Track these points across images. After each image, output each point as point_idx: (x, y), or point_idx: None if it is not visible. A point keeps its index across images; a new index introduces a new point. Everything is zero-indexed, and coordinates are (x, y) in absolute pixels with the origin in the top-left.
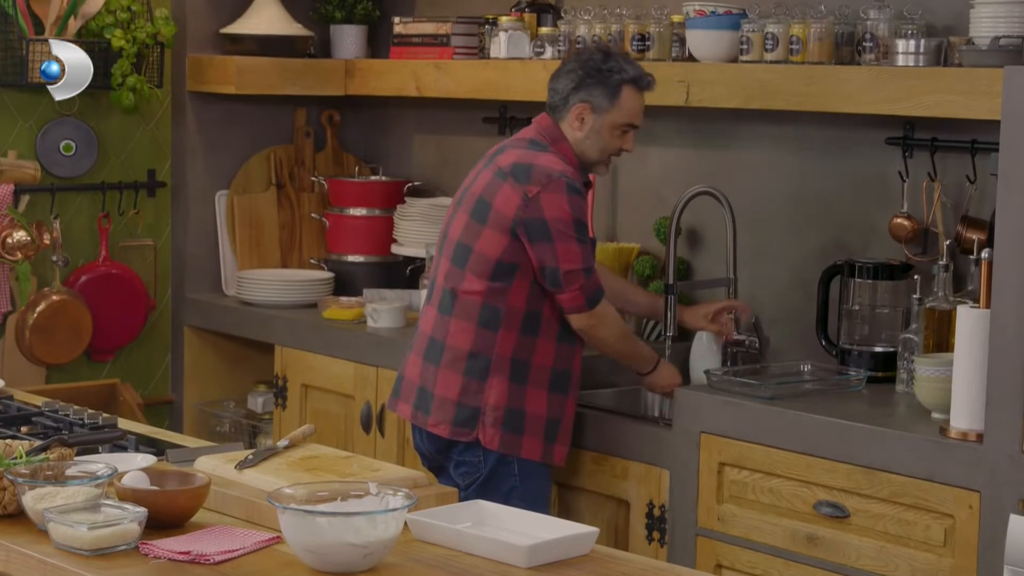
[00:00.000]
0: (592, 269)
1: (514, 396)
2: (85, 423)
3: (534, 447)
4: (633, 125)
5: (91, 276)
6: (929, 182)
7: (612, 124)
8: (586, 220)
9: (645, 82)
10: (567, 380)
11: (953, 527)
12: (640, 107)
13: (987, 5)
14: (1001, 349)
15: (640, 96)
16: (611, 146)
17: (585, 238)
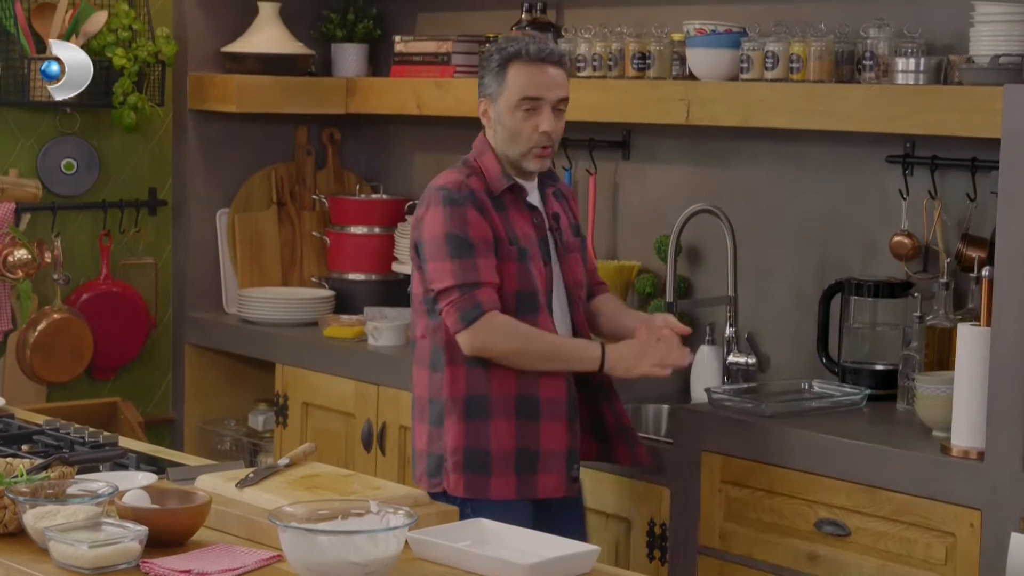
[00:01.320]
0: (471, 284)
1: (471, 435)
2: (86, 441)
3: (505, 486)
4: (531, 98)
5: (92, 294)
6: (929, 200)
7: (508, 106)
8: (469, 232)
9: (533, 52)
10: (536, 405)
11: (954, 545)
12: (537, 79)
13: (987, 24)
14: (1002, 367)
15: (533, 67)
16: (521, 131)
17: (464, 253)
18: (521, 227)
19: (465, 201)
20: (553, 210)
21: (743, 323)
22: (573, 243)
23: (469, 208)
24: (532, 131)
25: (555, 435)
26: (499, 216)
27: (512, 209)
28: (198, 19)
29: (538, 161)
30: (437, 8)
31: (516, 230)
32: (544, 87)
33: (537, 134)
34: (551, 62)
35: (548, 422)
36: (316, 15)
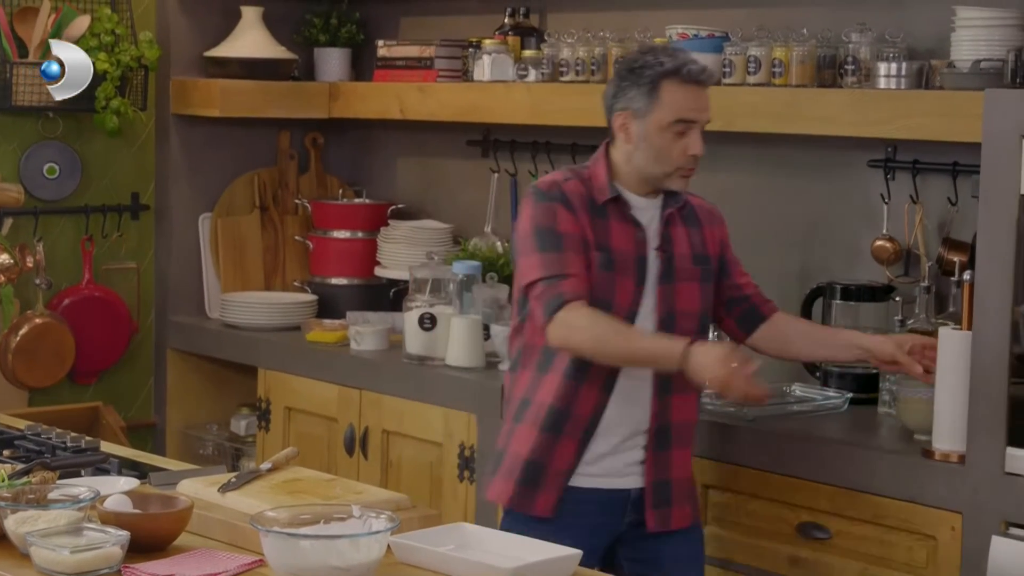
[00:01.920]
0: (555, 276)
1: (505, 437)
2: (68, 446)
3: (504, 489)
4: (686, 121)
5: (74, 299)
6: (911, 204)
7: (659, 126)
8: (558, 227)
9: (688, 71)
10: (564, 420)
11: (935, 548)
12: (691, 100)
13: (968, 28)
14: (983, 371)
15: (689, 88)
16: (670, 152)
17: (551, 247)
18: (619, 240)
19: (555, 199)
20: (669, 232)
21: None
22: (689, 271)
23: (559, 205)
24: (681, 153)
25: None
26: (595, 222)
27: (614, 220)
28: (181, 23)
29: (683, 182)
30: (420, 12)
31: (612, 242)
32: (699, 110)
33: (685, 157)
34: (705, 82)
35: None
36: (299, 19)
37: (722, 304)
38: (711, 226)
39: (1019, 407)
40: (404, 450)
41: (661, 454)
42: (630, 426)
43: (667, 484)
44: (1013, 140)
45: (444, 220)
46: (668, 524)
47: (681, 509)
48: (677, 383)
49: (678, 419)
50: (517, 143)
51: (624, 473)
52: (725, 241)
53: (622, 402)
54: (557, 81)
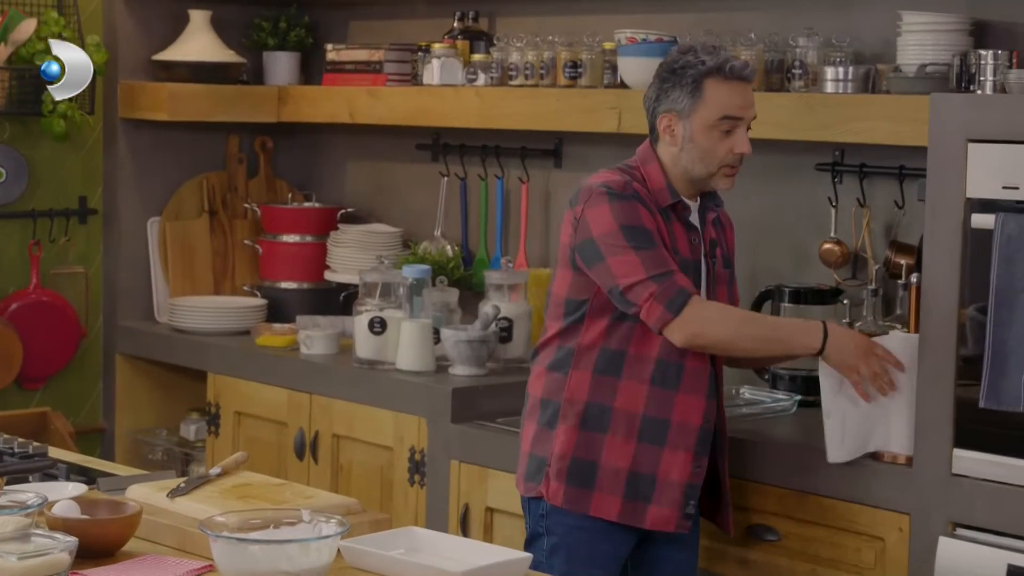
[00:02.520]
0: (664, 273)
1: (583, 445)
2: (15, 452)
3: (609, 504)
4: (732, 118)
5: (21, 304)
6: (858, 208)
7: (705, 125)
8: (644, 225)
9: (730, 68)
10: (663, 429)
11: (883, 550)
12: (736, 97)
13: (914, 33)
14: (930, 373)
15: (733, 84)
16: (716, 151)
17: (645, 244)
18: (683, 245)
19: (633, 197)
20: (711, 236)
21: None
22: (723, 275)
23: (638, 204)
24: (727, 151)
25: (677, 465)
26: (664, 225)
27: (676, 224)
28: (129, 27)
29: (728, 180)
30: (369, 16)
31: (679, 245)
32: (744, 107)
33: (732, 155)
34: (749, 78)
35: (672, 450)
36: (247, 23)
37: None
38: (731, 230)
39: (966, 409)
40: (354, 454)
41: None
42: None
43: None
44: (958, 144)
45: (394, 224)
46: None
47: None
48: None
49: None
50: (467, 147)
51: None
52: (733, 247)
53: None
54: (506, 85)
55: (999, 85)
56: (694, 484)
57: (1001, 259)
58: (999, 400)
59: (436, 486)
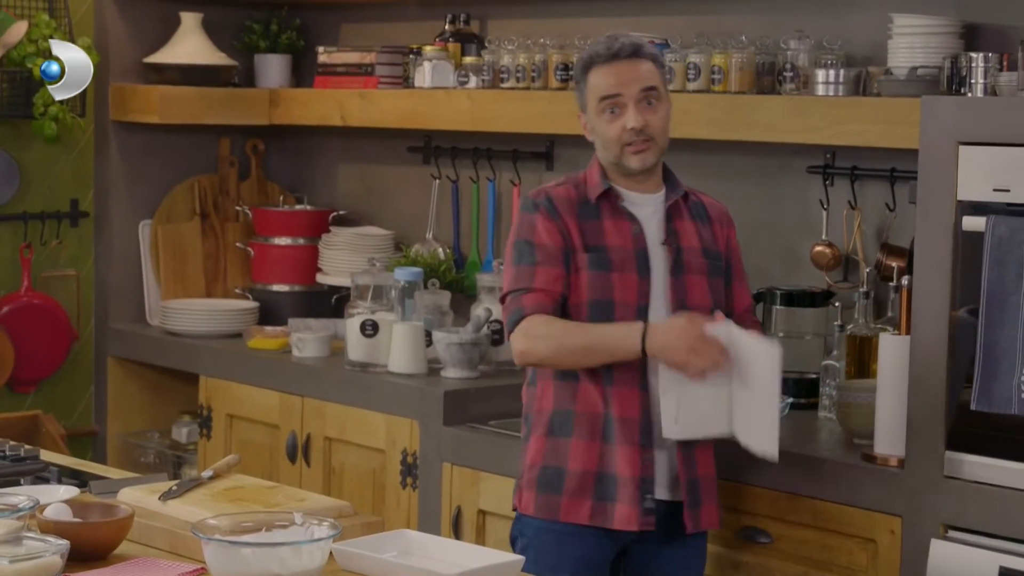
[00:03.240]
0: (518, 290)
1: (551, 452)
2: (7, 455)
3: (577, 508)
4: (609, 96)
5: (13, 307)
6: (849, 210)
7: (595, 113)
8: (535, 239)
9: (603, 52)
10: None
11: (876, 552)
12: (613, 76)
13: (904, 36)
14: (921, 375)
15: (610, 66)
16: (609, 133)
17: (526, 259)
18: (614, 237)
19: (536, 208)
20: (675, 226)
21: None
22: (698, 264)
23: (538, 215)
24: (620, 130)
25: (625, 460)
26: (585, 224)
27: (608, 217)
28: (120, 29)
29: (637, 158)
30: (360, 19)
31: (606, 239)
32: (619, 84)
33: (625, 132)
34: (624, 56)
35: (621, 445)
36: (239, 26)
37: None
38: (721, 224)
39: (957, 411)
40: (346, 457)
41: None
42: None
43: (697, 482)
44: (949, 146)
45: (385, 227)
46: (699, 525)
47: (709, 508)
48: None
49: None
50: (458, 149)
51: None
52: (732, 245)
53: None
54: (498, 88)
55: (990, 88)
56: (647, 478)
57: (992, 261)
58: (990, 402)
59: (428, 489)
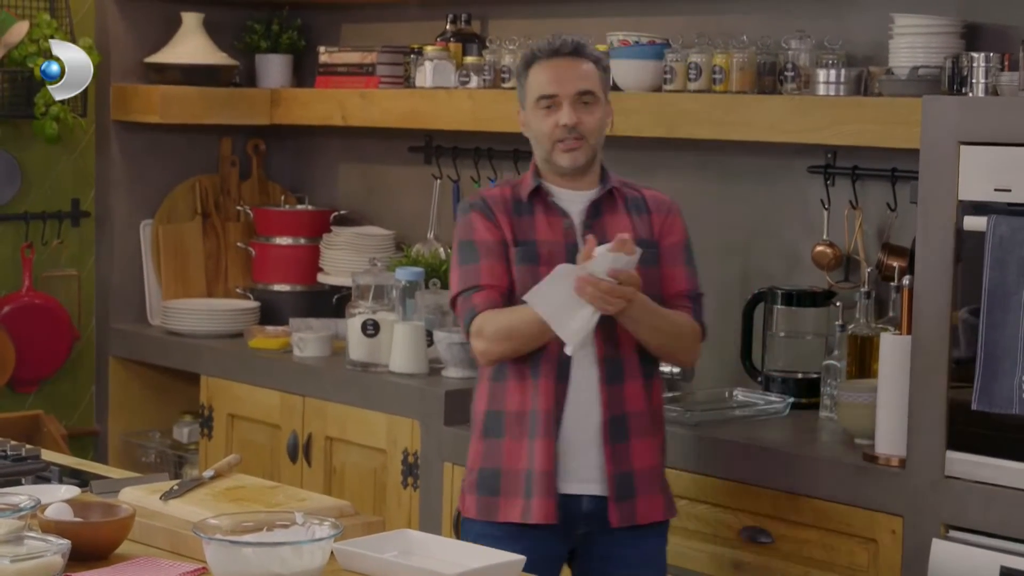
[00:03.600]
0: (468, 289)
1: (488, 454)
2: (8, 455)
3: (512, 508)
4: (546, 96)
5: (14, 306)
6: (850, 210)
7: (532, 109)
8: (474, 236)
9: (544, 49)
10: (544, 422)
11: (877, 552)
12: (551, 74)
13: (906, 36)
14: (922, 375)
15: (549, 64)
16: (542, 129)
17: (469, 258)
18: (544, 231)
19: (471, 209)
20: (603, 220)
21: None
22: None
23: (473, 214)
24: (552, 127)
25: (544, 454)
26: (519, 220)
27: (540, 213)
28: (121, 29)
29: (566, 156)
30: (361, 19)
31: (538, 233)
32: (556, 83)
33: (557, 128)
34: (564, 54)
35: (540, 439)
36: (240, 25)
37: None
38: (659, 214)
39: (958, 411)
40: (347, 457)
41: (618, 446)
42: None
43: (629, 476)
44: (950, 146)
45: (386, 226)
46: (634, 519)
47: (648, 500)
48: (628, 370)
49: (636, 408)
50: (459, 149)
51: (583, 477)
52: (670, 231)
53: (573, 396)
54: (499, 88)
55: (991, 87)
56: (556, 472)
57: (993, 261)
58: (991, 402)
59: (429, 488)
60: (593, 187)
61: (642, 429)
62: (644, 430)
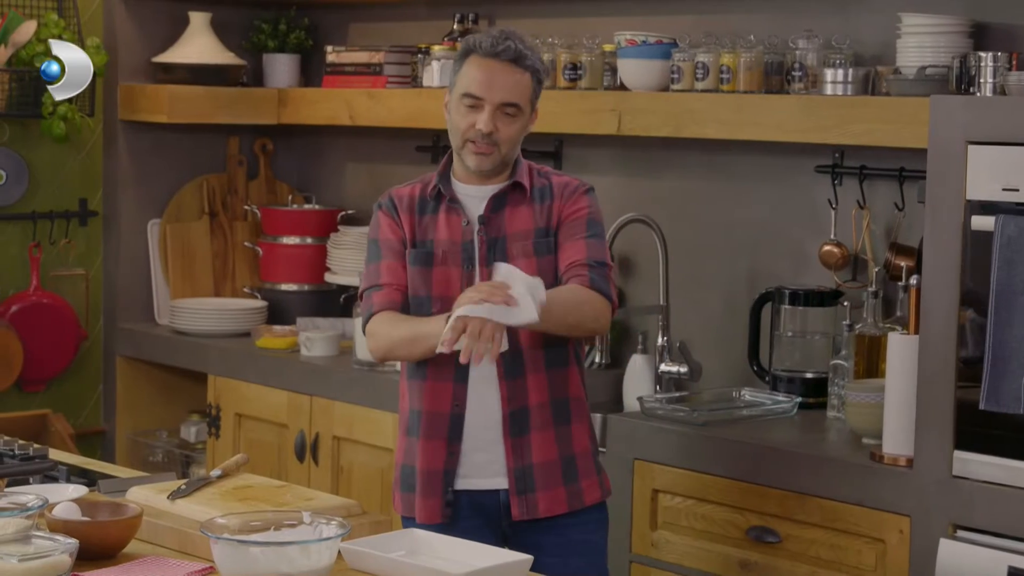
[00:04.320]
0: (369, 288)
1: (406, 452)
2: (16, 454)
3: (423, 506)
4: (472, 96)
5: (22, 306)
6: (858, 209)
7: (457, 97)
8: (379, 235)
9: (485, 47)
10: (437, 422)
11: (884, 552)
12: (484, 75)
13: (913, 35)
14: (930, 375)
15: (486, 63)
16: (460, 125)
17: (373, 257)
18: (444, 231)
19: (380, 207)
20: (501, 215)
21: (675, 332)
22: (521, 248)
23: (380, 214)
24: (469, 127)
25: (432, 454)
26: (420, 219)
27: (442, 213)
28: (129, 29)
29: (475, 158)
30: (369, 19)
31: (437, 234)
32: (485, 85)
33: (473, 130)
34: (504, 58)
35: (426, 440)
36: (247, 25)
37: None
38: (561, 199)
39: (966, 410)
40: (355, 456)
41: (519, 440)
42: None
43: (529, 469)
44: (958, 146)
45: None
46: (536, 512)
47: (549, 494)
48: (528, 363)
49: (537, 400)
50: None
51: (493, 472)
52: (570, 211)
53: (474, 394)
54: None
55: (999, 87)
56: (450, 471)
57: (1001, 261)
58: (999, 402)
59: None
60: (501, 182)
61: (543, 422)
62: (545, 423)
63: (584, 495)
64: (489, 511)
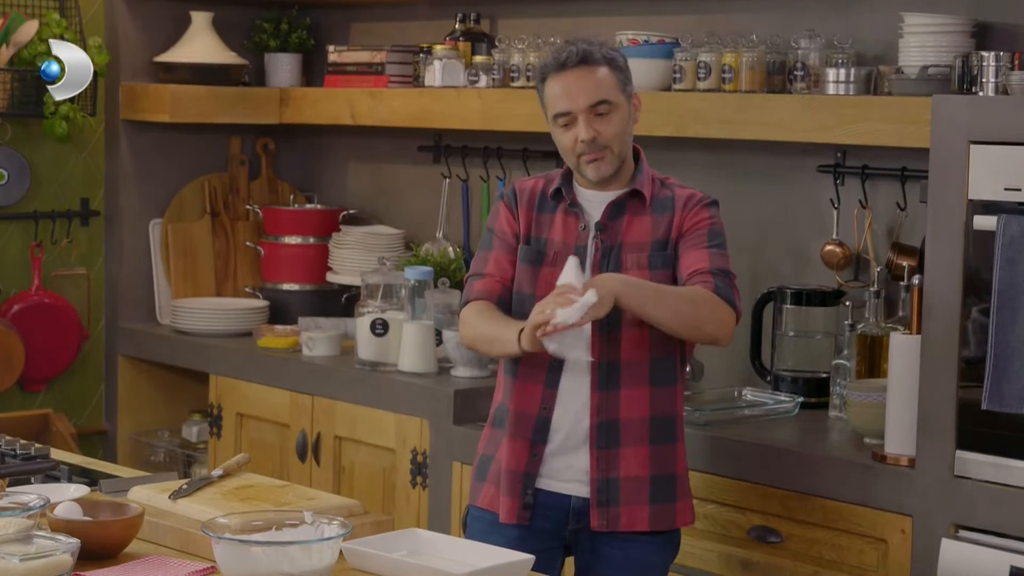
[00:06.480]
0: (473, 275)
1: (489, 442)
2: (17, 453)
3: (492, 496)
4: (562, 114)
5: (23, 306)
6: (860, 209)
7: (552, 122)
8: (495, 226)
9: (552, 64)
10: (503, 415)
11: (886, 551)
12: (562, 89)
13: (915, 35)
14: (932, 374)
15: (560, 78)
16: (566, 144)
17: (485, 245)
18: (560, 231)
19: (501, 197)
20: (619, 223)
21: None
22: (636, 259)
23: (501, 205)
24: (573, 142)
25: (515, 454)
26: (539, 216)
27: (560, 213)
28: (130, 29)
29: (592, 168)
30: (371, 18)
31: (552, 233)
32: (567, 99)
33: (578, 144)
34: (571, 65)
35: (511, 439)
36: (249, 25)
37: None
38: (682, 210)
39: (968, 410)
40: (356, 456)
41: (605, 452)
42: (572, 424)
43: (615, 483)
44: (960, 145)
45: (396, 226)
46: (616, 525)
47: (632, 509)
48: (626, 377)
49: (633, 415)
50: (468, 149)
51: (569, 477)
52: (691, 223)
53: (564, 399)
54: (508, 87)
55: (1001, 87)
56: (531, 474)
57: (1003, 261)
58: (1001, 402)
59: (438, 488)
60: (622, 188)
61: (639, 438)
62: (640, 438)
63: (677, 517)
64: (556, 514)
